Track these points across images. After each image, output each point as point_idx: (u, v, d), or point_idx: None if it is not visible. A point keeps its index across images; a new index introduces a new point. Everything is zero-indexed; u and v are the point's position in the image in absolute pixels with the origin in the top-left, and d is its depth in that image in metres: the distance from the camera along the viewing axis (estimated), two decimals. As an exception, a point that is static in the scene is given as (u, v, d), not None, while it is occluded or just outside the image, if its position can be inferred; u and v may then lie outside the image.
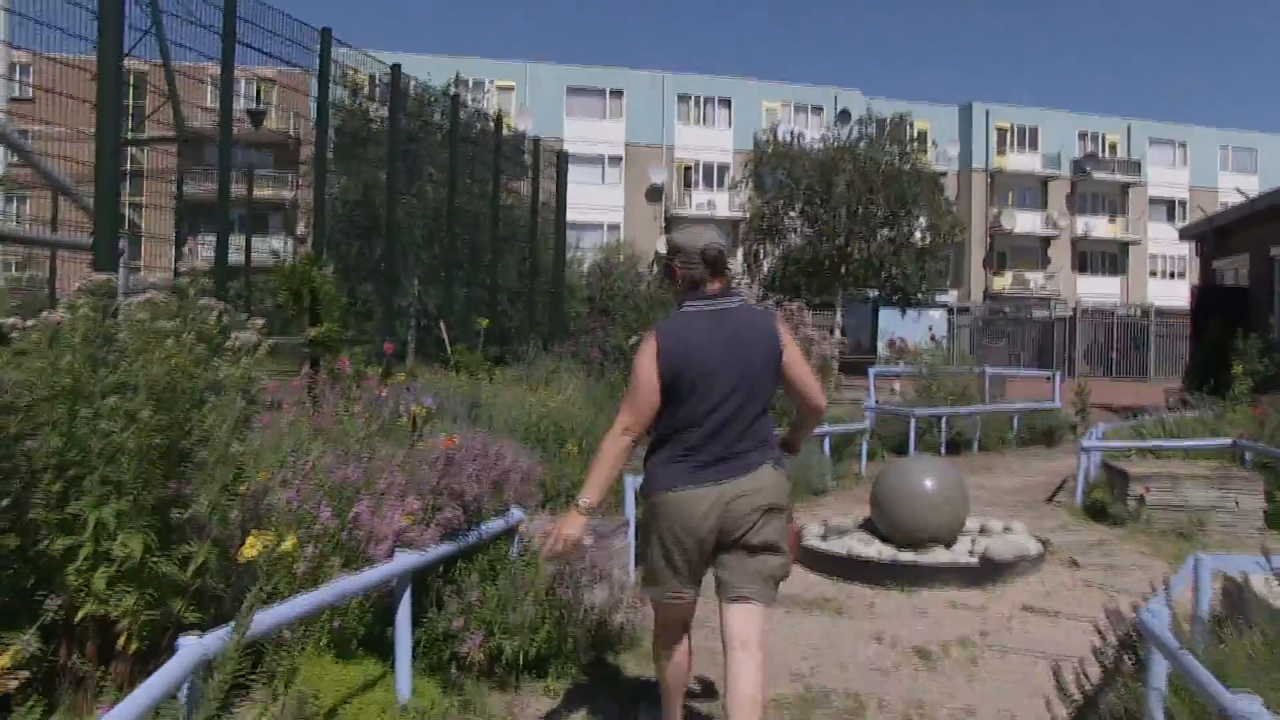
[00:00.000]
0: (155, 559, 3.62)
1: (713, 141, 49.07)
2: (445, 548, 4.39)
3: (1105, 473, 9.89)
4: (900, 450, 12.90)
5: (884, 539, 7.29)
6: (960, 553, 7.06)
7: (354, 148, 14.60)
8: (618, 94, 48.66)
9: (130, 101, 11.66)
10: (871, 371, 15.90)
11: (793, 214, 32.26)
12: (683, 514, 3.54)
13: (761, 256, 33.22)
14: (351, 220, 15.56)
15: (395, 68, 11.90)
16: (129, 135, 7.07)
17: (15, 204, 15.23)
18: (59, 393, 3.66)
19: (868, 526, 7.59)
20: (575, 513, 3.62)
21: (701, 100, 49.81)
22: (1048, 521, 9.22)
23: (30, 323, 3.64)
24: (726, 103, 49.78)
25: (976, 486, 10.26)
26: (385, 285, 12.73)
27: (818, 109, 48.70)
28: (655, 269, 4.90)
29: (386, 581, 4.10)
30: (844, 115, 34.74)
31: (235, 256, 13.44)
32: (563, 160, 17.51)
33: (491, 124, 15.61)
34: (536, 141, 16.63)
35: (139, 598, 3.63)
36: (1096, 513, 9.44)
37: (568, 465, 7.93)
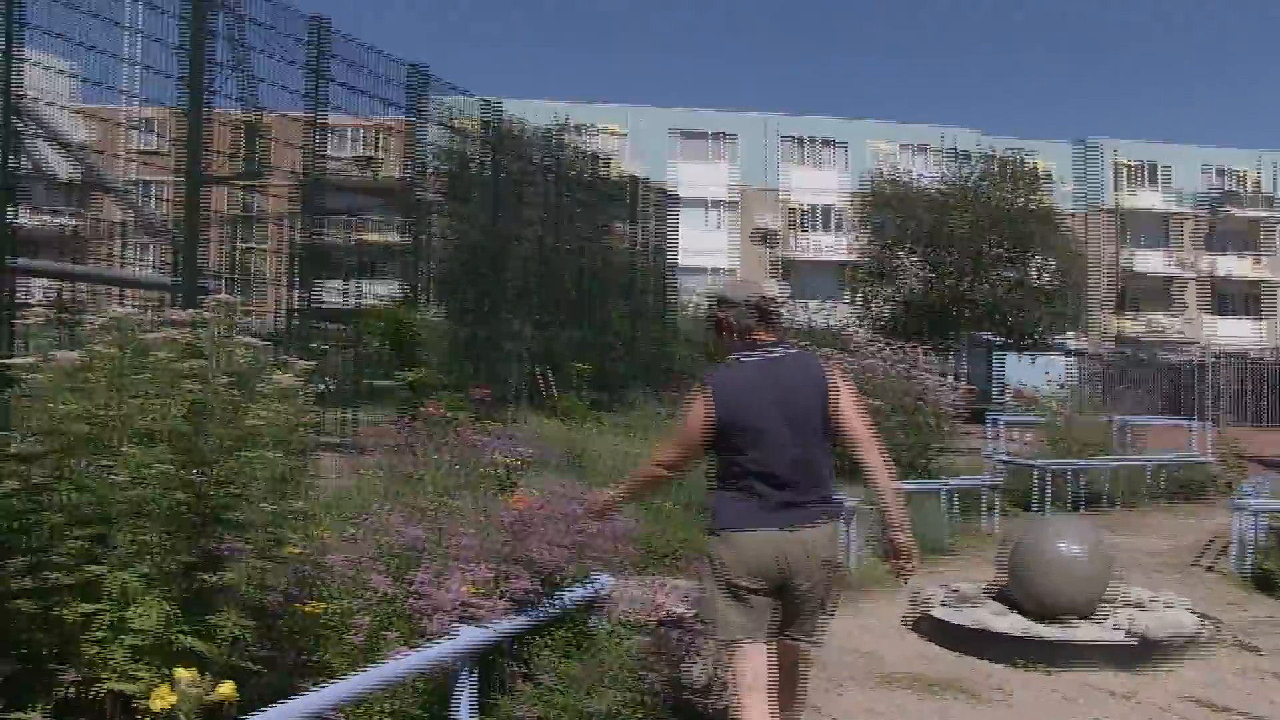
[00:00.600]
0: (179, 631, 3.15)
1: (823, 183, 48.27)
2: (514, 622, 3.83)
3: (1275, 537, 8.84)
4: (1026, 505, 11.96)
5: (1016, 608, 6.48)
6: (1109, 629, 6.21)
7: (459, 190, 14.39)
8: (726, 137, 48.32)
9: (246, 149, 11.55)
10: (1000, 420, 14.92)
11: (908, 255, 31.28)
12: (755, 554, 3.53)
13: (873, 299, 32.26)
14: (460, 264, 15.32)
15: (495, 103, 11.57)
16: (205, 174, 6.81)
17: (137, 250, 15.39)
18: (74, 441, 3.24)
19: (998, 594, 6.79)
20: (609, 496, 4.16)
21: (809, 142, 49.15)
22: (1201, 591, 8.24)
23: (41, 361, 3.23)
24: (836, 144, 49.02)
25: (1112, 547, 9.32)
26: (488, 329, 12.42)
27: (929, 149, 47.54)
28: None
29: (444, 661, 3.56)
30: (963, 155, 33.54)
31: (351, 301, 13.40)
32: (668, 200, 17.07)
33: (596, 165, 15.25)
34: (638, 181, 16.20)
35: (156, 674, 3.16)
36: (1264, 584, 8.43)
37: (669, 523, 7.35)
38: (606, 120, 44.93)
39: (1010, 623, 6.24)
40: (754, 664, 3.59)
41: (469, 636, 3.57)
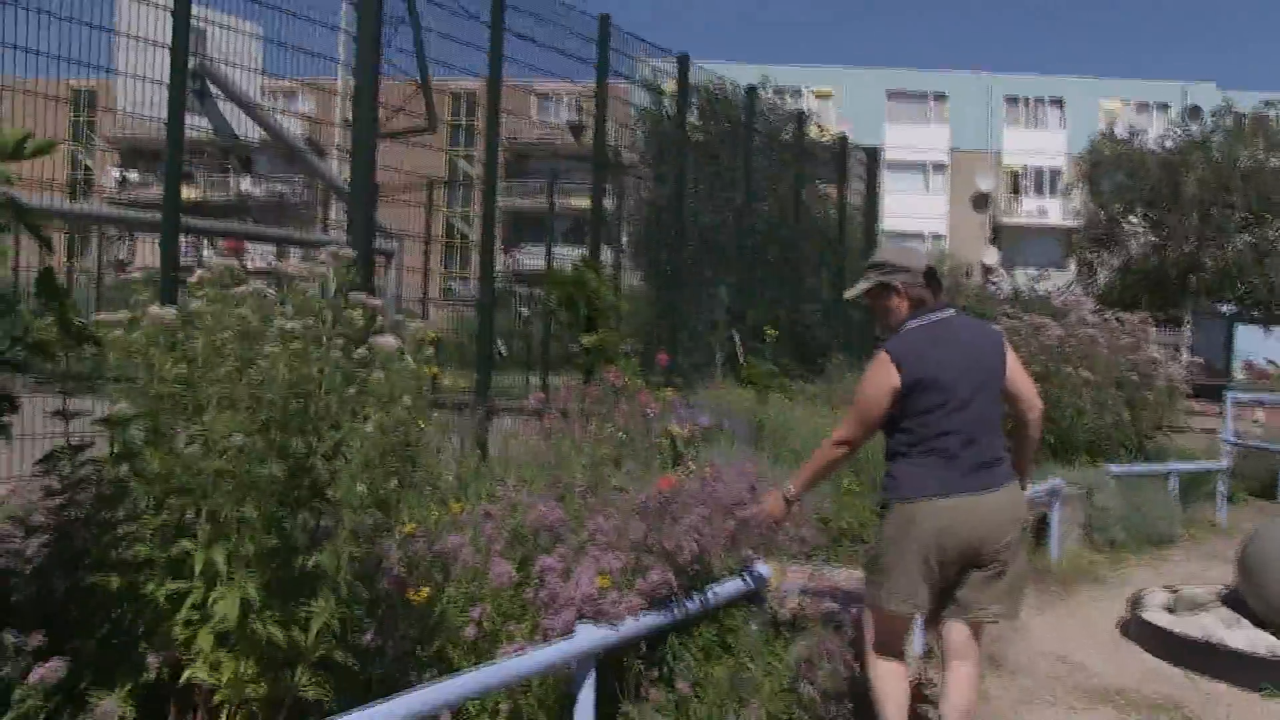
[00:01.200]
0: (263, 618, 2.81)
1: (1044, 145, 45.39)
2: (643, 622, 3.32)
3: None
4: (1266, 495, 10.58)
5: (1251, 616, 5.51)
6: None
7: (655, 152, 13.96)
8: (940, 98, 46.01)
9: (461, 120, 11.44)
10: (1236, 398, 13.37)
11: (1133, 219, 28.89)
12: (953, 520, 3.41)
13: (1097, 266, 30.01)
14: (656, 227, 14.92)
15: (683, 59, 11.01)
16: (380, 130, 6.56)
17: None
18: (166, 404, 2.93)
19: (1231, 599, 5.80)
20: (780, 495, 3.77)
21: (1031, 102, 46.18)
22: None
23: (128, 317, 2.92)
24: (1058, 103, 45.88)
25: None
26: (681, 294, 11.96)
27: (1163, 106, 43.69)
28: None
29: (562, 663, 3.10)
30: (1194, 111, 30.58)
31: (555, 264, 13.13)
32: (872, 159, 16.12)
33: (798, 125, 14.49)
34: (844, 140, 15.33)
35: (242, 665, 2.83)
36: None
37: (850, 501, 6.71)
38: (815, 82, 43.56)
39: (1249, 637, 5.28)
40: (903, 625, 3.69)
41: (587, 637, 3.10)
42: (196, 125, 7.61)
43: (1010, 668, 5.04)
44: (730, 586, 3.77)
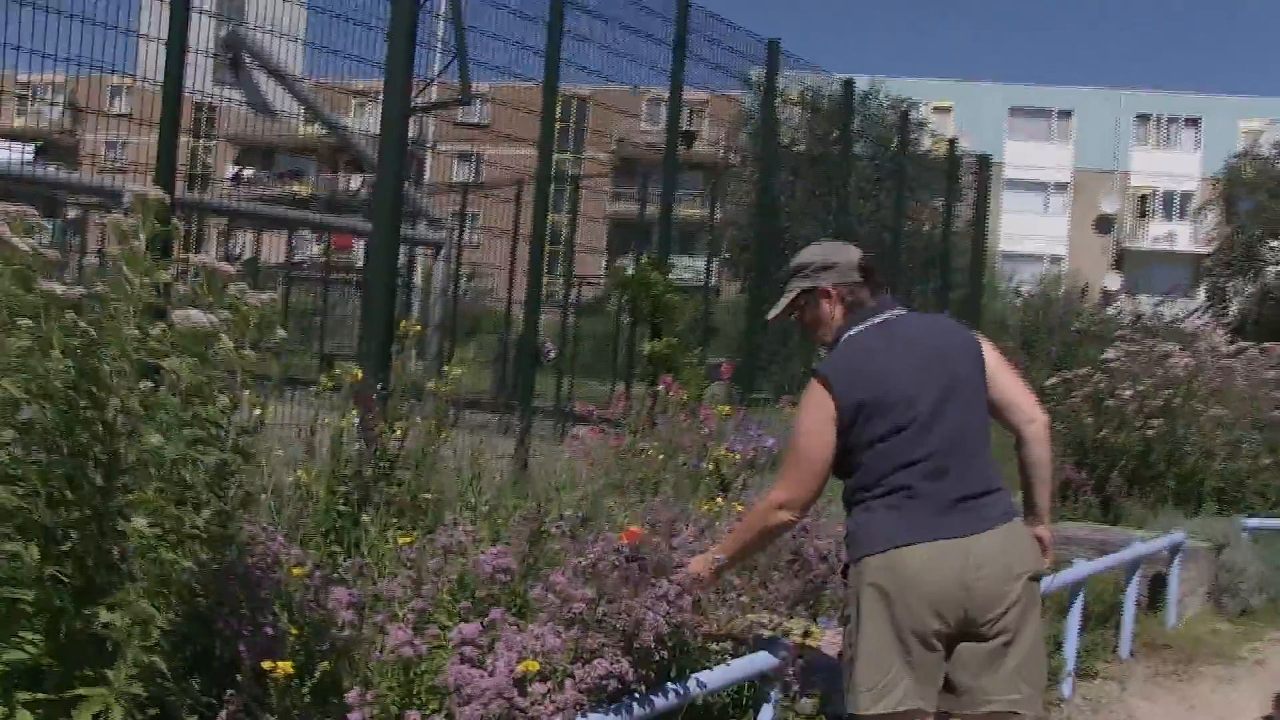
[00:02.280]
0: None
1: (1175, 166, 42.74)
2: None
3: None
4: None
5: None
6: None
7: (755, 156, 13.05)
8: (1066, 114, 43.73)
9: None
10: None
11: (1274, 244, 26.68)
12: (925, 576, 2.47)
13: (1230, 294, 27.84)
14: (756, 234, 14.00)
15: (773, 44, 10.03)
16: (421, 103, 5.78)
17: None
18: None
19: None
20: (710, 561, 2.81)
21: (1164, 120, 43.53)
22: None
23: None
24: (1194, 122, 43.16)
25: None
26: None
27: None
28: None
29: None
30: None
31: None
32: (984, 167, 14.83)
33: (906, 134, 13.46)
34: (952, 143, 14.13)
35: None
36: None
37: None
38: (936, 97, 41.85)
39: None
40: None
41: (481, 756, 2.16)
42: (228, 97, 6.93)
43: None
44: (722, 674, 2.79)
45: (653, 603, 2.49)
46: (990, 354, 2.72)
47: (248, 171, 31.29)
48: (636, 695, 2.49)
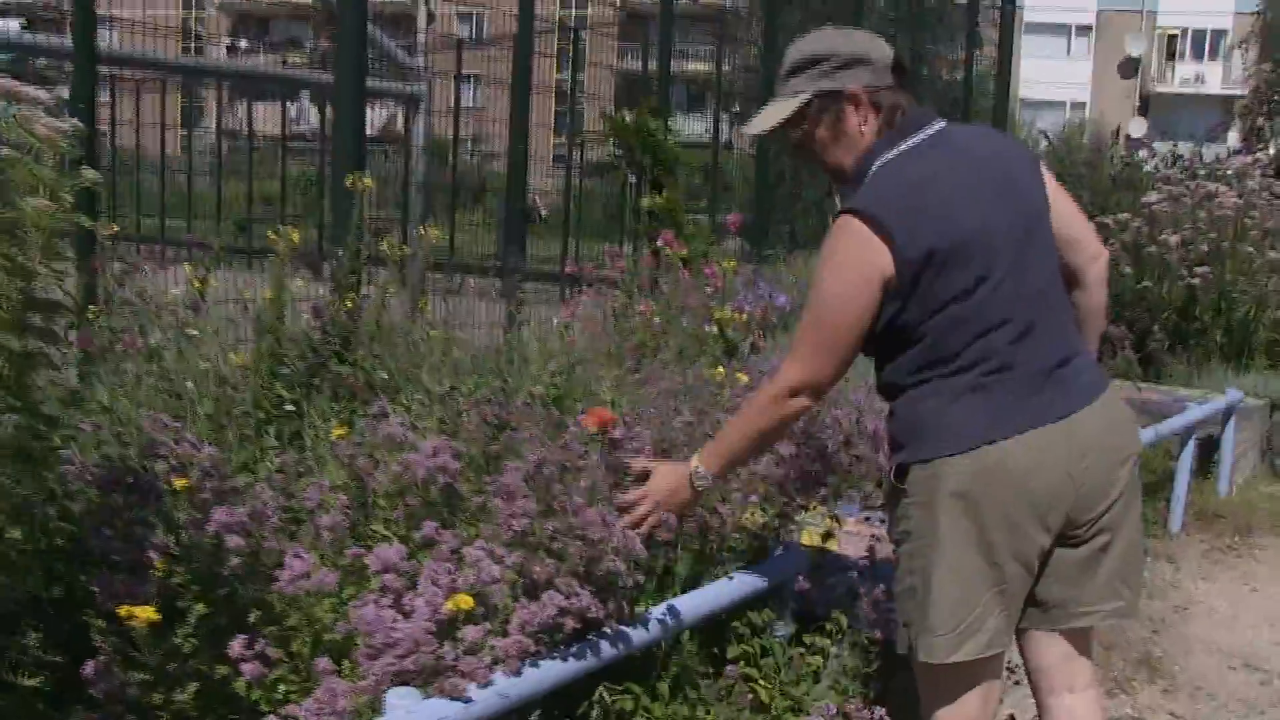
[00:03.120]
0: None
1: (1206, 4, 40.62)
2: (536, 676, 1.79)
3: None
4: None
5: None
6: None
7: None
8: (1089, -49, 41.50)
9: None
10: None
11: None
12: (1032, 477, 1.82)
13: (1269, 135, 26.51)
14: (766, 87, 13.11)
15: None
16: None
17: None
18: None
19: None
20: (686, 480, 2.04)
21: (1195, -47, 41.27)
22: None
23: None
24: (1229, -46, 40.86)
25: None
26: (784, 161, 10.28)
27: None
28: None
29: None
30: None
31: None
32: (1009, 9, 13.74)
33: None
34: (974, -11, 13.09)
35: None
36: None
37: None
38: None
39: None
40: (990, 682, 1.97)
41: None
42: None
43: (1173, 679, 3.40)
44: (719, 590, 2.23)
45: (613, 520, 1.90)
46: (1047, 173, 2.04)
47: (243, 42, 30.21)
48: (593, 636, 1.93)
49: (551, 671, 1.81)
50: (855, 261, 1.85)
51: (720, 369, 3.92)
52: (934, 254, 1.82)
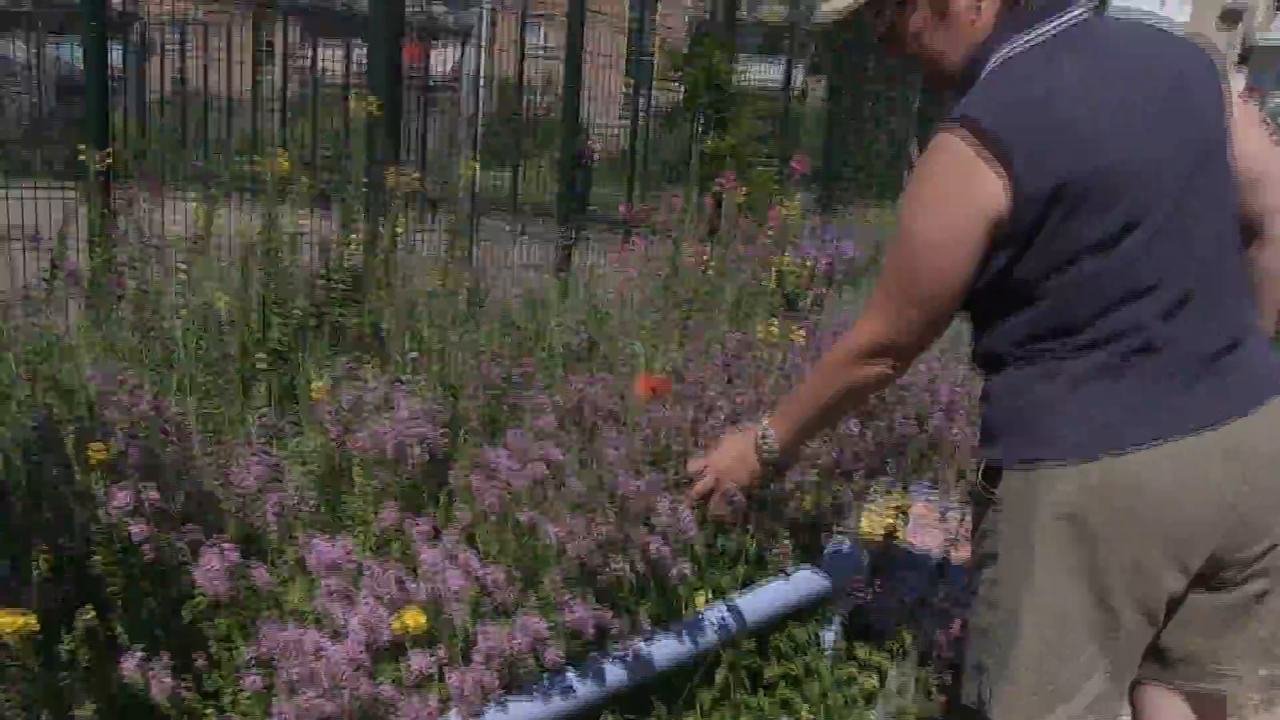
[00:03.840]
0: None
1: (1316, -52, 38.39)
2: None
3: None
4: None
5: None
6: None
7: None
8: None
9: None
10: None
11: None
12: (1176, 502, 1.33)
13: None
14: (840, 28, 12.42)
15: None
16: None
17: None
18: None
19: None
20: (752, 447, 1.64)
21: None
22: None
23: None
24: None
25: None
26: (857, 104, 9.69)
27: None
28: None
29: None
30: None
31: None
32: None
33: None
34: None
35: None
36: None
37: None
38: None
39: None
40: None
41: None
42: None
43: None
44: (757, 599, 1.79)
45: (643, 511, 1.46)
46: (1229, 86, 1.45)
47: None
48: (596, 657, 1.51)
49: (525, 715, 1.40)
50: (958, 193, 1.35)
51: (774, 325, 3.46)
52: (1065, 189, 1.31)
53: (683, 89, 7.03)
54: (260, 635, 1.35)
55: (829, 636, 1.97)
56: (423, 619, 1.37)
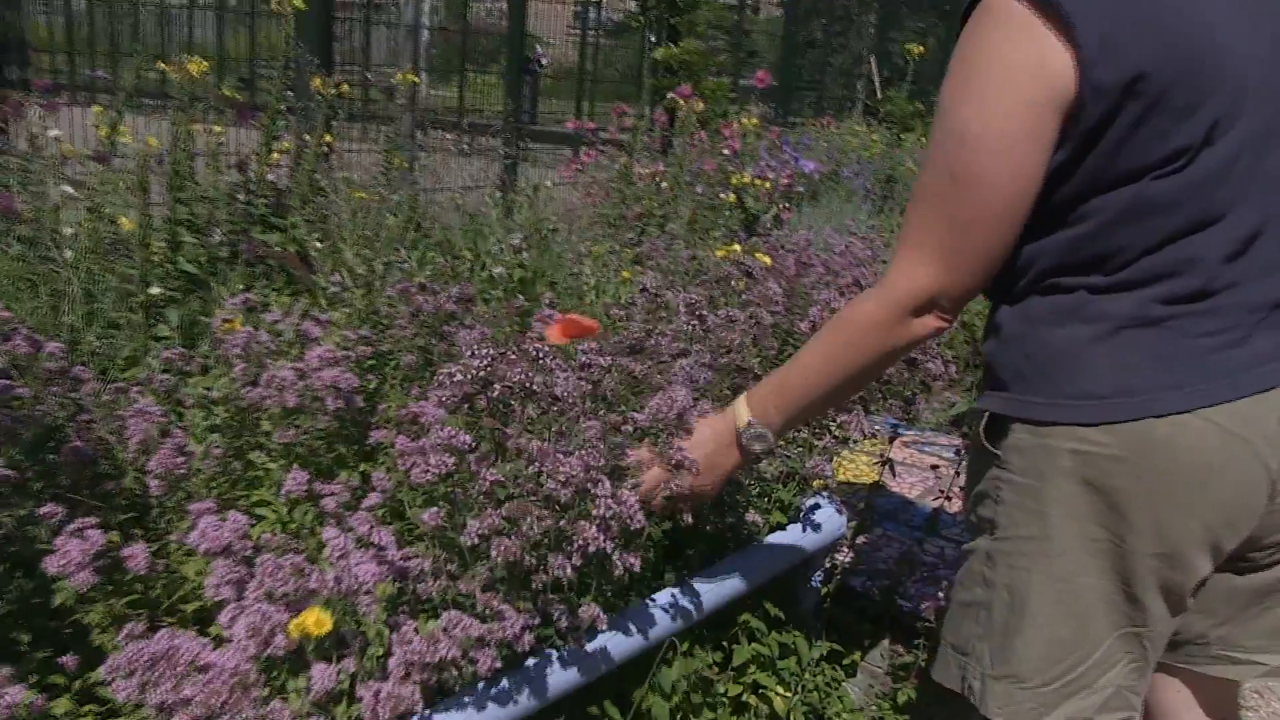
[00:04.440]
0: None
1: None
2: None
3: None
4: None
5: None
6: None
7: None
8: None
9: None
10: None
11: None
12: (1207, 478, 1.04)
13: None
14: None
15: None
16: None
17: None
18: None
19: None
20: (731, 439, 1.30)
21: None
22: None
23: None
24: None
25: None
26: (813, 22, 9.29)
27: None
28: None
29: None
30: None
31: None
32: None
33: None
34: None
35: None
36: None
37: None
38: None
39: None
40: None
41: None
42: None
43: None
44: (722, 584, 1.53)
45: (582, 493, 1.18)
46: None
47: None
48: (547, 652, 1.25)
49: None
50: (1021, 68, 1.03)
51: (736, 245, 3.19)
52: (1144, 83, 1.01)
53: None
54: (125, 641, 1.08)
55: (806, 598, 1.73)
56: (328, 621, 1.10)
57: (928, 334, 1.17)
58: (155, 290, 2.23)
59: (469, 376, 1.16)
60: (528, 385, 1.16)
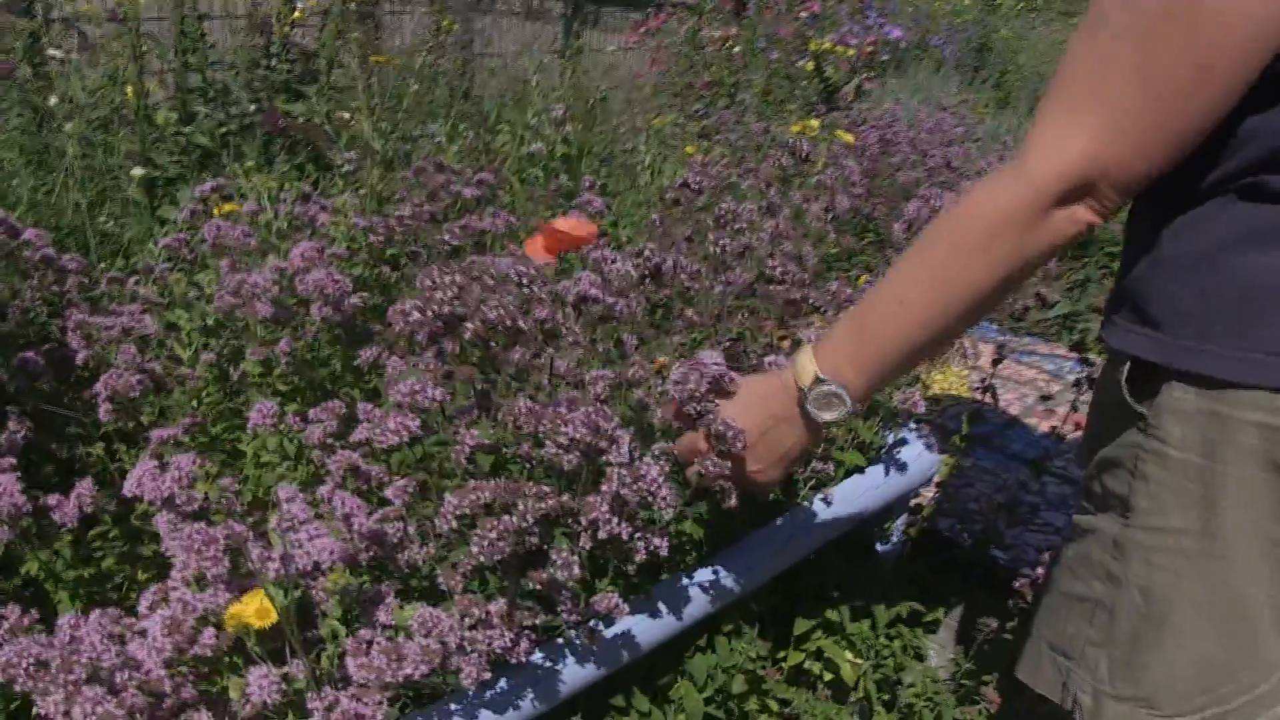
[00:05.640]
0: None
1: None
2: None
3: None
4: None
5: None
6: None
7: None
8: None
9: None
10: None
11: None
12: None
13: None
14: None
15: None
16: None
17: None
18: None
19: None
20: (793, 404, 0.93)
21: None
22: None
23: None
24: None
25: None
26: None
27: None
28: None
29: None
30: None
31: None
32: None
33: None
34: None
35: None
36: None
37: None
38: None
39: None
40: None
41: None
42: None
43: None
44: (776, 544, 1.25)
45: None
46: None
47: None
48: (556, 644, 0.99)
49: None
50: None
51: (813, 121, 2.82)
52: None
53: None
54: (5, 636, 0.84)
55: (886, 555, 1.45)
56: (272, 611, 0.84)
57: (1076, 234, 0.82)
58: (138, 171, 1.95)
59: (430, 314, 0.87)
60: (511, 324, 0.86)
